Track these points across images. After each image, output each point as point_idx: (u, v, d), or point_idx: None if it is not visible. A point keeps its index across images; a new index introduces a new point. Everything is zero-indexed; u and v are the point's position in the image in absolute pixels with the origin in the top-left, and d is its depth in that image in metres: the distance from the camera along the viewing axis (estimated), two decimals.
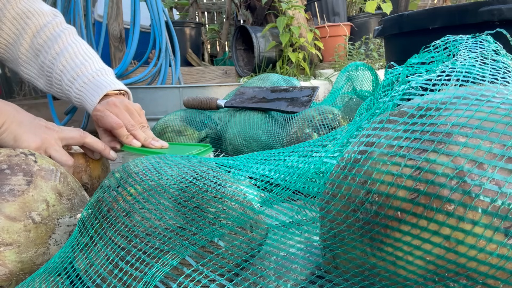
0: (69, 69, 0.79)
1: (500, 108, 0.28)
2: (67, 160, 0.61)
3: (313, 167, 0.38)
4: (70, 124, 2.22)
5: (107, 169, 0.73)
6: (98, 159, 0.70)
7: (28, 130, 0.59)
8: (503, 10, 0.85)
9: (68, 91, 0.80)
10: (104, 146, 0.68)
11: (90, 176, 0.68)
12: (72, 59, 0.80)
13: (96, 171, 0.69)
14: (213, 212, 0.38)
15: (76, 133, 0.65)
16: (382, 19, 1.17)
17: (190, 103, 1.10)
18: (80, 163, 0.67)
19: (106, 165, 0.73)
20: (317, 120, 0.89)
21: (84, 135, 0.66)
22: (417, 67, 0.42)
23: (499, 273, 0.25)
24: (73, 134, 0.65)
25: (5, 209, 0.44)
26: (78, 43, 0.83)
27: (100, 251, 0.38)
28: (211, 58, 3.55)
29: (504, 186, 0.25)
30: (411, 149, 0.28)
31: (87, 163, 0.68)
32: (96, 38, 2.21)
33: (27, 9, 0.82)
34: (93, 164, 0.69)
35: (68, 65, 0.79)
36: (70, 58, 0.80)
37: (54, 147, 0.61)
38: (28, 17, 0.82)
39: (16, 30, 0.81)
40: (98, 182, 0.69)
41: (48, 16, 0.84)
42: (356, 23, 2.83)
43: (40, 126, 0.61)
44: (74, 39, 0.83)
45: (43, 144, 0.60)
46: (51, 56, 0.81)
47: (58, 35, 0.82)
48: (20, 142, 0.58)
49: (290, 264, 0.36)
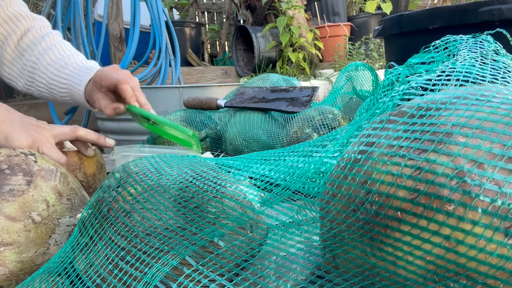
0: (55, 61, 0.83)
1: (500, 108, 0.28)
2: (59, 158, 0.61)
3: (313, 167, 0.38)
4: (70, 124, 2.22)
5: (102, 166, 0.72)
6: (92, 156, 0.70)
7: (19, 129, 0.59)
8: (503, 10, 0.85)
9: (53, 83, 0.83)
10: (97, 136, 0.68)
11: (85, 173, 0.67)
12: (56, 56, 0.84)
13: (90, 168, 0.68)
14: (213, 212, 0.38)
15: (67, 128, 0.65)
16: (382, 19, 1.17)
17: (190, 103, 1.10)
18: (73, 161, 0.66)
19: (101, 162, 0.72)
20: (317, 120, 0.89)
21: (75, 129, 0.65)
22: (417, 67, 0.42)
23: (499, 273, 0.25)
24: (65, 130, 0.64)
25: (5, 209, 0.44)
26: (63, 43, 0.87)
27: (100, 251, 0.38)
28: (211, 58, 3.55)
29: (504, 186, 0.25)
30: (411, 149, 0.28)
31: (81, 160, 0.67)
32: (96, 38, 2.21)
33: (18, 12, 0.85)
34: (87, 162, 0.68)
35: (53, 62, 0.83)
36: (54, 55, 0.84)
37: (46, 145, 0.61)
38: (18, 20, 0.85)
39: (5, 32, 0.84)
40: (93, 179, 0.68)
41: (36, 20, 0.87)
42: (356, 23, 2.82)
43: (31, 125, 0.61)
44: (59, 40, 0.87)
45: (35, 143, 0.60)
46: (35, 55, 0.84)
47: (43, 37, 0.85)
48: (12, 141, 0.58)
49: (290, 264, 0.36)
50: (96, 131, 0.77)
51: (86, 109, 2.17)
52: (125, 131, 1.69)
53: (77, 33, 2.02)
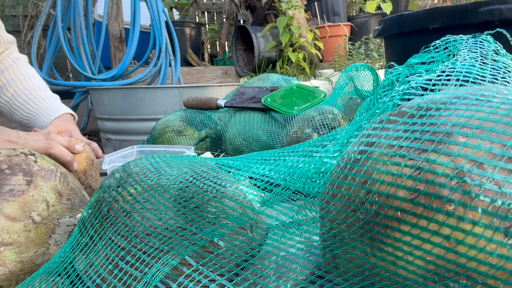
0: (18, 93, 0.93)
1: (500, 108, 0.28)
2: None
3: (313, 167, 0.38)
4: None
5: (93, 162, 0.72)
6: (81, 152, 0.68)
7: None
8: (503, 10, 0.85)
9: (14, 112, 0.93)
10: (71, 159, 0.64)
11: (76, 171, 0.67)
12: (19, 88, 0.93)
13: (80, 165, 0.68)
14: (213, 212, 0.38)
15: (41, 144, 0.61)
16: (382, 19, 1.17)
17: (190, 103, 1.10)
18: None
19: (91, 157, 0.71)
20: (317, 120, 0.89)
21: (49, 146, 0.61)
22: (417, 67, 0.42)
23: (499, 273, 0.25)
24: (38, 146, 0.61)
25: (5, 209, 0.44)
26: (27, 74, 0.96)
27: (100, 251, 0.38)
28: (211, 58, 3.55)
29: (504, 186, 0.25)
30: (411, 149, 0.28)
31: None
32: (96, 38, 2.21)
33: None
34: (77, 158, 0.67)
35: (15, 93, 0.93)
36: (17, 88, 0.93)
37: None
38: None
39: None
40: (84, 175, 0.68)
41: (8, 43, 0.95)
42: (356, 23, 2.82)
43: (3, 142, 0.59)
44: (23, 71, 0.95)
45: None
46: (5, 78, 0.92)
47: (6, 68, 0.93)
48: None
49: (290, 264, 0.36)
50: (96, 131, 0.77)
51: (86, 109, 2.18)
52: (125, 131, 1.70)
53: (77, 33, 2.02)
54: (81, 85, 2.02)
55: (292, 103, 0.98)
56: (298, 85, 1.02)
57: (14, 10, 2.98)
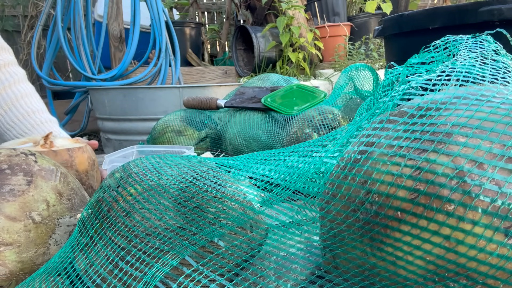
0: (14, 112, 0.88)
1: (500, 108, 0.28)
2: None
3: (313, 167, 0.38)
4: (70, 124, 2.22)
5: (94, 162, 0.72)
6: (84, 153, 0.69)
7: None
8: (503, 10, 0.85)
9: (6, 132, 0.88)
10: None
11: (77, 171, 0.66)
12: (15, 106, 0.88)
13: (82, 165, 0.68)
14: (213, 212, 0.38)
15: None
16: (382, 19, 1.17)
17: (190, 103, 1.10)
18: (64, 159, 0.65)
19: (92, 158, 0.71)
20: (317, 120, 0.89)
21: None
22: (417, 67, 0.42)
23: (499, 273, 0.25)
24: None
25: (5, 209, 0.44)
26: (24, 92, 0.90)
27: (100, 251, 0.38)
28: (211, 58, 3.55)
29: (504, 186, 0.25)
30: (411, 149, 0.28)
31: (71, 158, 0.67)
32: (96, 38, 2.21)
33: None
34: (79, 159, 0.67)
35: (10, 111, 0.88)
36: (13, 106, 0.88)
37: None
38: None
39: None
40: (86, 176, 0.68)
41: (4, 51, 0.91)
42: (356, 23, 2.82)
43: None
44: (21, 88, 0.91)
45: None
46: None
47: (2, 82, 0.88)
48: None
49: (290, 264, 0.36)
50: (96, 131, 0.77)
51: (86, 109, 2.18)
52: (125, 131, 1.70)
53: (77, 33, 2.02)
54: (81, 85, 2.02)
55: (292, 103, 0.98)
56: (298, 85, 1.02)
57: (14, 10, 2.98)
